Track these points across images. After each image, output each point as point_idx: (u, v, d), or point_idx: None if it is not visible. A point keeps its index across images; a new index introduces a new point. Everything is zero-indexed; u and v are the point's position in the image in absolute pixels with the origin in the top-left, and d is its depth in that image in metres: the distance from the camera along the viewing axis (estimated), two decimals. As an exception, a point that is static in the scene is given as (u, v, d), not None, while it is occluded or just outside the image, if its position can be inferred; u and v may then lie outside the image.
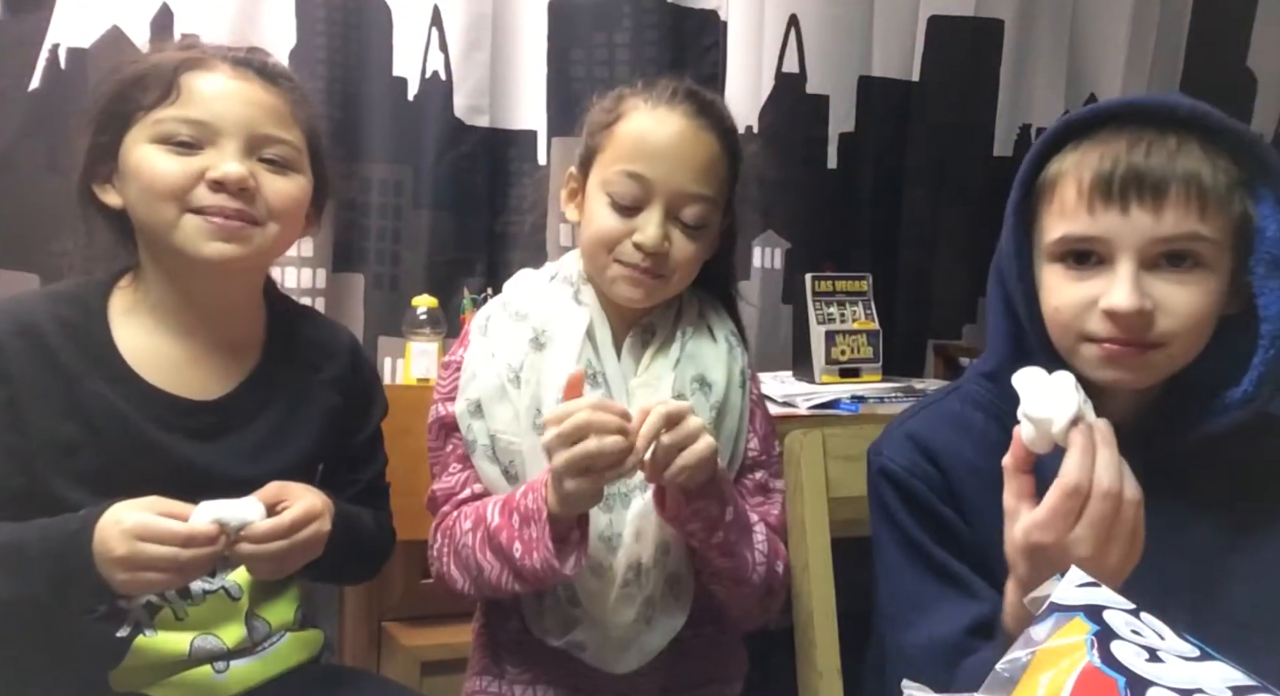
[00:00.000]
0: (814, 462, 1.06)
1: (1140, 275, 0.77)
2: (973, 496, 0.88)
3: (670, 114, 1.03)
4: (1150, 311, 0.77)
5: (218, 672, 0.97)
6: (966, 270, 2.19)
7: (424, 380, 1.62)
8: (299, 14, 1.69)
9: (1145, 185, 0.76)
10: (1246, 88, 2.30)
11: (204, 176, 0.91)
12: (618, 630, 1.01)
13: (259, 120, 0.94)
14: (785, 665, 1.08)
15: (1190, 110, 0.77)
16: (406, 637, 1.52)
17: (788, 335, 1.97)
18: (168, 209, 0.91)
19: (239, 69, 0.95)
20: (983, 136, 2.17)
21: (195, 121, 0.92)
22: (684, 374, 1.07)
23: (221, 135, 0.92)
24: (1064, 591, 0.69)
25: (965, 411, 0.92)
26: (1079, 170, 0.79)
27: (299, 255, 1.74)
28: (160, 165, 0.91)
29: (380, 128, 1.79)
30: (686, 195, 1.02)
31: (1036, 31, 2.17)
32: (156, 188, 0.91)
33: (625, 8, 1.88)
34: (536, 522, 0.94)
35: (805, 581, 1.04)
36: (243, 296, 1.02)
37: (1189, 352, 0.80)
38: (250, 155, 0.94)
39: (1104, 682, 0.61)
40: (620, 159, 1.02)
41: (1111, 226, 0.77)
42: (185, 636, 0.95)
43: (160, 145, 0.91)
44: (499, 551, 0.97)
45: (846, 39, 2.05)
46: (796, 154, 2.04)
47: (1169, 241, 0.76)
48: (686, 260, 1.05)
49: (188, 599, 0.95)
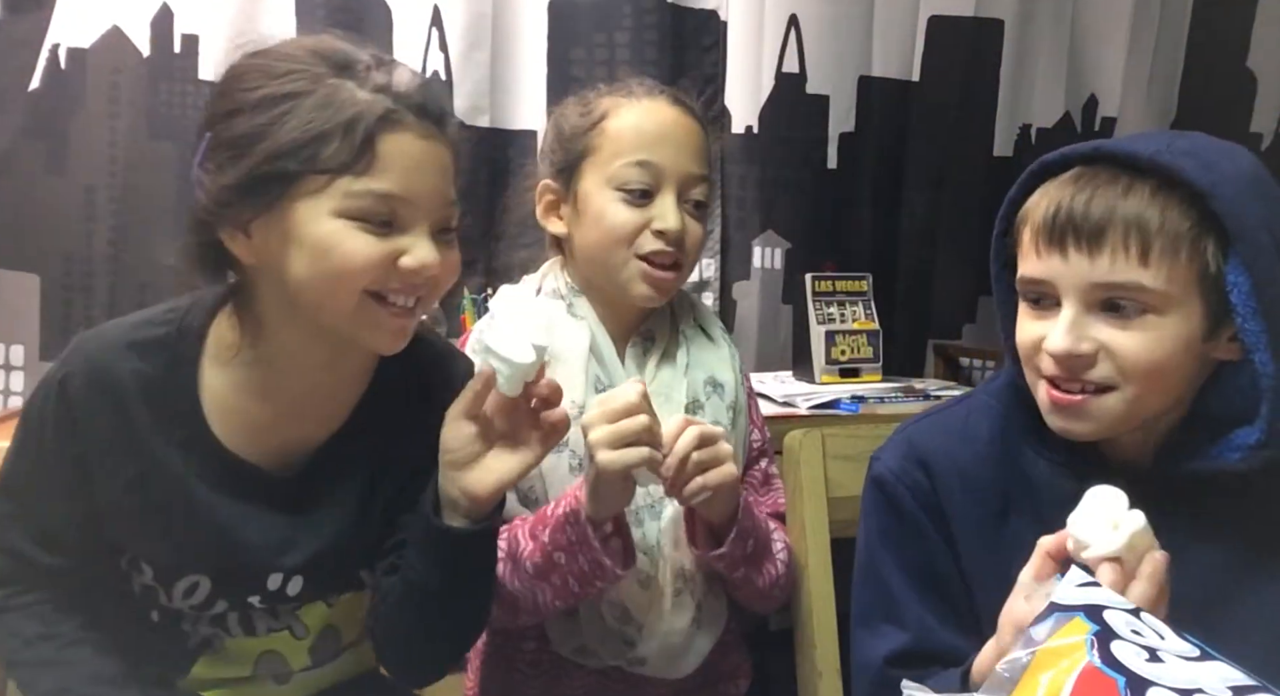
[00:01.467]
0: (814, 462, 1.06)
1: (1084, 318, 0.77)
2: (960, 507, 0.87)
3: (656, 102, 1.06)
4: (1089, 354, 0.77)
5: (279, 684, 0.96)
6: (966, 270, 2.19)
7: (424, 380, 1.62)
8: (299, 14, 1.70)
9: (1082, 231, 0.76)
10: (1246, 88, 2.30)
11: (396, 261, 0.80)
12: (676, 637, 1.01)
13: (445, 190, 0.84)
14: (785, 665, 1.08)
15: (1151, 158, 0.75)
16: (406, 637, 1.52)
17: (788, 335, 1.97)
18: (351, 294, 0.80)
19: (423, 124, 0.82)
20: (983, 136, 2.16)
21: (394, 198, 0.80)
22: (695, 379, 1.07)
23: (416, 214, 0.81)
24: (1064, 591, 0.69)
25: (971, 421, 0.91)
26: (1034, 213, 0.80)
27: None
28: (357, 247, 0.79)
29: (380, 128, 1.79)
30: (693, 176, 1.04)
31: (1036, 31, 2.16)
32: (348, 270, 0.79)
33: (625, 8, 1.88)
34: (574, 525, 0.93)
35: (805, 581, 1.05)
36: (354, 366, 0.91)
37: (1154, 397, 0.78)
38: (434, 233, 0.83)
39: (1104, 682, 0.61)
40: (623, 152, 1.02)
41: (1054, 270, 0.78)
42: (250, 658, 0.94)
43: (352, 222, 0.79)
44: (537, 569, 0.95)
45: (846, 39, 2.05)
46: (796, 154, 2.04)
47: (1107, 288, 0.76)
48: (698, 242, 1.06)
49: (252, 634, 0.92)
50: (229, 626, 0.92)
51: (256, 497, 0.88)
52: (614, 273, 1.05)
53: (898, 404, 1.71)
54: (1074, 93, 2.20)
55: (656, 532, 1.02)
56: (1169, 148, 0.76)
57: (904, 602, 0.88)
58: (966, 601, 0.87)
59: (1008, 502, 0.86)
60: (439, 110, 0.84)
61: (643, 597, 1.01)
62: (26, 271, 1.59)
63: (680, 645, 1.02)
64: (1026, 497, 0.85)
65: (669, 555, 1.01)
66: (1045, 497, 0.84)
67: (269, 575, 0.89)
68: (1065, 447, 0.84)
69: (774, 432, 1.17)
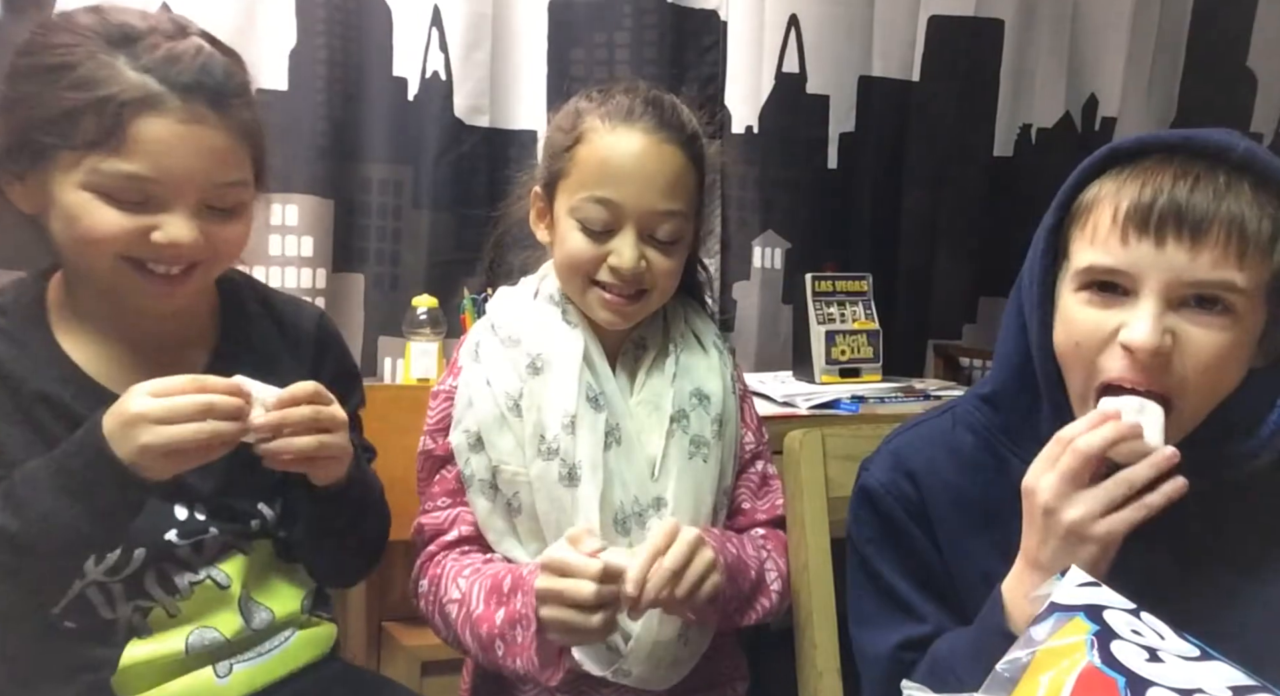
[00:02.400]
0: (814, 462, 1.06)
1: (1164, 313, 0.72)
2: (948, 518, 0.87)
3: (630, 132, 1.01)
4: (1168, 351, 0.72)
5: (220, 677, 0.94)
6: (966, 270, 2.19)
7: (424, 380, 1.62)
8: (299, 14, 1.69)
9: (1185, 221, 0.71)
10: (1246, 88, 2.30)
11: (149, 235, 0.84)
12: (662, 649, 1.01)
13: (212, 171, 0.86)
14: (785, 665, 1.08)
15: (1245, 153, 0.72)
16: (406, 637, 1.52)
17: (788, 335, 1.97)
18: (103, 259, 0.85)
19: (190, 106, 0.83)
20: (983, 136, 2.17)
21: (143, 179, 0.82)
22: (682, 389, 1.07)
23: (173, 195, 0.84)
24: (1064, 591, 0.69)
25: (956, 432, 0.90)
26: (1117, 197, 0.74)
27: (299, 255, 1.74)
28: (100, 220, 0.82)
29: (380, 128, 1.79)
30: (657, 214, 1.01)
31: (1036, 31, 2.17)
32: (93, 240, 0.83)
33: (625, 8, 1.88)
34: (524, 629, 0.94)
35: (805, 581, 1.04)
36: (188, 301, 0.94)
37: (1199, 411, 0.76)
38: (199, 211, 0.86)
39: (1104, 682, 0.61)
40: (585, 185, 1.01)
41: (1142, 259, 0.72)
42: (180, 633, 0.92)
43: (100, 197, 0.82)
44: (479, 640, 0.98)
45: (846, 39, 2.05)
46: (796, 154, 2.05)
47: (1200, 285, 0.72)
48: (664, 275, 1.04)
49: (175, 594, 0.91)
50: (149, 588, 0.90)
51: None
52: (577, 296, 1.05)
53: (898, 404, 1.71)
54: (1074, 93, 2.21)
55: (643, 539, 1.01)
56: (1248, 144, 0.73)
57: (913, 601, 0.88)
58: (960, 605, 0.86)
59: (996, 512, 0.84)
60: (214, 91, 0.85)
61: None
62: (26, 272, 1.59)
63: (667, 657, 1.02)
64: (1016, 507, 0.83)
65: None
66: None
67: (174, 503, 0.90)
68: None
69: (774, 433, 1.17)
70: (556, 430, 1.01)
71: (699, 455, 1.05)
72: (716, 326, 1.16)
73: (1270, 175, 0.72)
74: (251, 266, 1.69)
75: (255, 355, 0.98)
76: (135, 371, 0.89)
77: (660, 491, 1.03)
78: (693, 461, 1.04)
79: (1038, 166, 2.17)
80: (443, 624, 1.04)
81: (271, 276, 1.71)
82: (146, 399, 0.80)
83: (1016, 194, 2.17)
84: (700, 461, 1.05)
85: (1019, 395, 0.84)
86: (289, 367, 0.99)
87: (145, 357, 0.92)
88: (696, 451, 1.05)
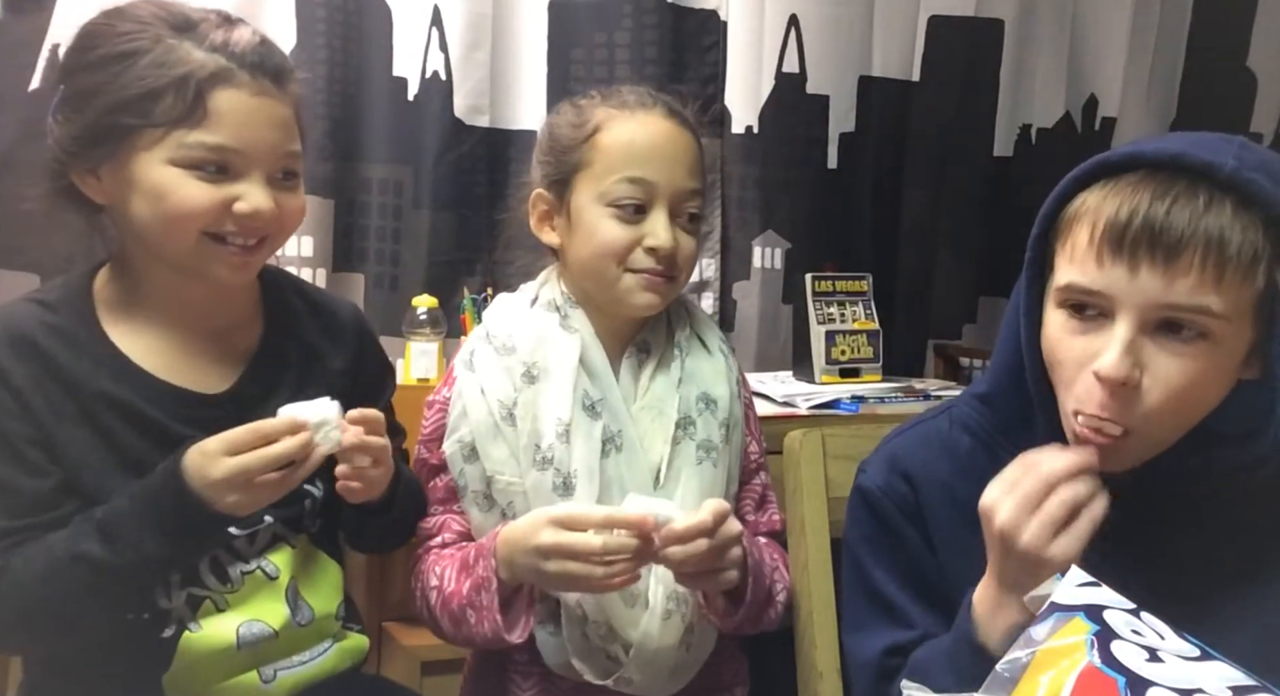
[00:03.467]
0: (814, 462, 1.06)
1: (1137, 339, 0.72)
2: (944, 520, 0.87)
3: (650, 116, 1.04)
4: (1136, 382, 0.71)
5: (265, 682, 0.97)
6: (966, 270, 2.19)
7: (424, 380, 1.62)
8: (299, 14, 1.69)
9: (1159, 242, 0.69)
10: (1246, 88, 2.30)
11: (231, 206, 0.89)
12: (663, 657, 1.01)
13: (281, 142, 0.92)
14: (785, 665, 1.08)
15: (1233, 172, 0.70)
16: (406, 637, 1.52)
17: (788, 335, 1.97)
18: (188, 235, 0.89)
19: (258, 80, 0.90)
20: (983, 136, 2.16)
21: (226, 149, 0.88)
22: (688, 394, 1.06)
23: (250, 163, 0.90)
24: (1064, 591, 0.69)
25: (953, 433, 0.90)
26: (1096, 214, 0.73)
27: (299, 255, 1.74)
28: (190, 193, 0.88)
29: (380, 128, 1.79)
30: (685, 191, 1.04)
31: (1036, 31, 2.16)
32: (182, 214, 0.88)
33: (625, 8, 1.88)
34: (486, 591, 0.95)
35: (805, 581, 1.04)
36: (239, 289, 1.00)
37: (1168, 435, 0.75)
38: (271, 181, 0.92)
39: (1104, 682, 0.61)
40: (614, 168, 1.02)
41: (1116, 283, 0.71)
42: (231, 622, 0.94)
43: (186, 170, 0.88)
44: (452, 616, 1.00)
45: (846, 39, 2.05)
46: (796, 154, 2.04)
47: (1174, 308, 0.70)
48: (690, 256, 1.06)
49: (227, 583, 0.94)
50: (204, 577, 0.93)
51: (196, 417, 0.92)
52: (609, 286, 1.04)
53: (898, 404, 1.71)
54: (1074, 93, 2.20)
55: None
56: (1240, 160, 0.70)
57: (901, 604, 0.88)
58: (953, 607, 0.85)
59: None
60: (275, 68, 0.92)
61: (629, 615, 1.01)
62: (27, 271, 1.59)
63: (668, 666, 1.02)
64: None
65: (661, 574, 1.00)
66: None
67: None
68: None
69: (774, 432, 1.17)
70: (551, 439, 1.00)
71: (708, 460, 1.04)
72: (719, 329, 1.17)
73: (1256, 194, 0.70)
74: (251, 266, 1.71)
75: (300, 344, 1.02)
76: (188, 361, 0.95)
77: (667, 498, 1.02)
78: (701, 467, 1.04)
79: (1038, 166, 2.16)
80: (429, 615, 1.05)
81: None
82: (223, 462, 0.84)
83: (1016, 194, 2.17)
84: (710, 466, 1.04)
85: (1015, 395, 0.84)
86: (331, 357, 1.04)
87: (196, 347, 0.96)
88: (706, 456, 1.04)
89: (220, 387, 0.96)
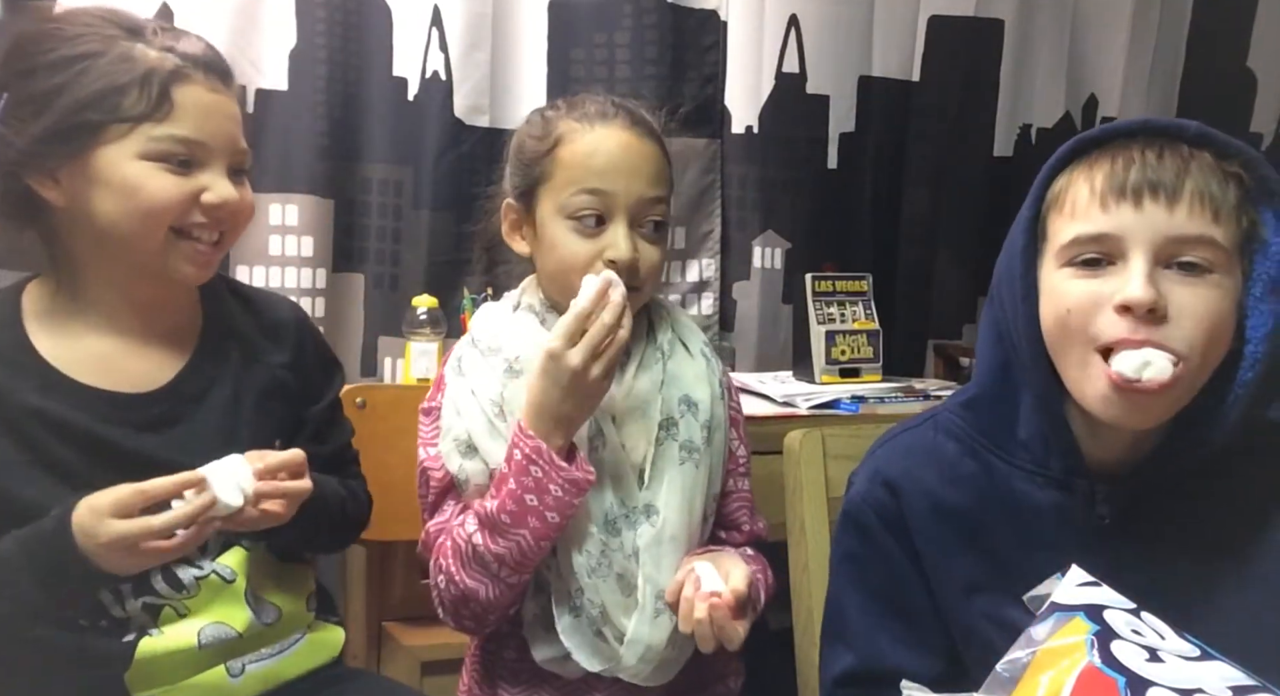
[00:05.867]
0: (814, 462, 1.06)
1: (1154, 271, 0.74)
2: (928, 528, 0.86)
3: (609, 128, 1.04)
4: (1164, 308, 0.73)
5: (233, 676, 0.96)
6: (966, 270, 2.19)
7: (424, 380, 1.62)
8: (299, 14, 1.69)
9: (1160, 186, 0.74)
10: (1246, 88, 2.30)
11: (199, 198, 0.90)
12: (653, 651, 1.01)
13: (236, 135, 0.95)
14: (784, 665, 1.08)
15: (1198, 130, 0.77)
16: (406, 637, 1.52)
17: (788, 335, 1.97)
18: (158, 230, 0.90)
19: (210, 79, 0.93)
20: (983, 136, 2.17)
21: (192, 142, 0.90)
22: (670, 396, 1.06)
23: (213, 155, 0.92)
24: (1065, 591, 0.69)
25: (938, 440, 0.89)
26: (1091, 174, 0.78)
27: (299, 255, 1.74)
28: (161, 185, 0.89)
29: (380, 128, 1.79)
30: (646, 201, 1.03)
31: (1036, 31, 2.17)
32: (155, 207, 0.89)
33: (625, 8, 1.88)
34: (539, 463, 0.95)
35: (805, 581, 1.05)
36: (182, 290, 1.00)
37: (1199, 373, 0.75)
38: (229, 175, 0.93)
39: (1104, 682, 0.61)
40: (574, 180, 1.02)
41: (1125, 222, 0.75)
42: (192, 627, 0.93)
43: (155, 164, 0.89)
44: (515, 519, 0.96)
45: (846, 39, 2.05)
46: (796, 154, 2.04)
47: (1183, 241, 0.74)
48: (654, 266, 1.05)
49: (181, 590, 0.93)
50: (156, 585, 0.92)
51: (129, 418, 0.92)
52: (571, 298, 1.03)
53: (898, 404, 1.71)
54: (1074, 93, 2.21)
55: (634, 541, 1.01)
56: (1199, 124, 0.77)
57: (855, 625, 0.88)
58: (934, 622, 0.86)
59: (980, 521, 0.84)
60: (222, 69, 0.95)
61: (623, 601, 1.01)
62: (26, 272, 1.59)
63: (658, 658, 1.02)
64: (1002, 511, 0.84)
65: (649, 574, 1.01)
66: (1024, 508, 0.83)
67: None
68: (1037, 456, 0.82)
69: (774, 432, 1.17)
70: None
71: (690, 461, 1.04)
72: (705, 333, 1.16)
73: (1227, 147, 0.77)
74: (252, 266, 1.71)
75: (238, 343, 1.02)
76: (125, 365, 0.94)
77: (651, 498, 1.02)
78: (684, 467, 1.04)
79: (1038, 166, 2.14)
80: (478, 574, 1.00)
81: (271, 276, 1.71)
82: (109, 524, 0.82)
83: (1017, 194, 2.14)
84: (692, 467, 1.04)
85: (1000, 397, 0.84)
86: (271, 353, 1.04)
87: (134, 351, 0.95)
88: (688, 457, 1.05)
89: (157, 384, 0.95)
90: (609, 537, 1.01)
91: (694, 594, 0.94)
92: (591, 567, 1.00)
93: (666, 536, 1.01)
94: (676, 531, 1.02)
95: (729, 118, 1.99)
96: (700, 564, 0.97)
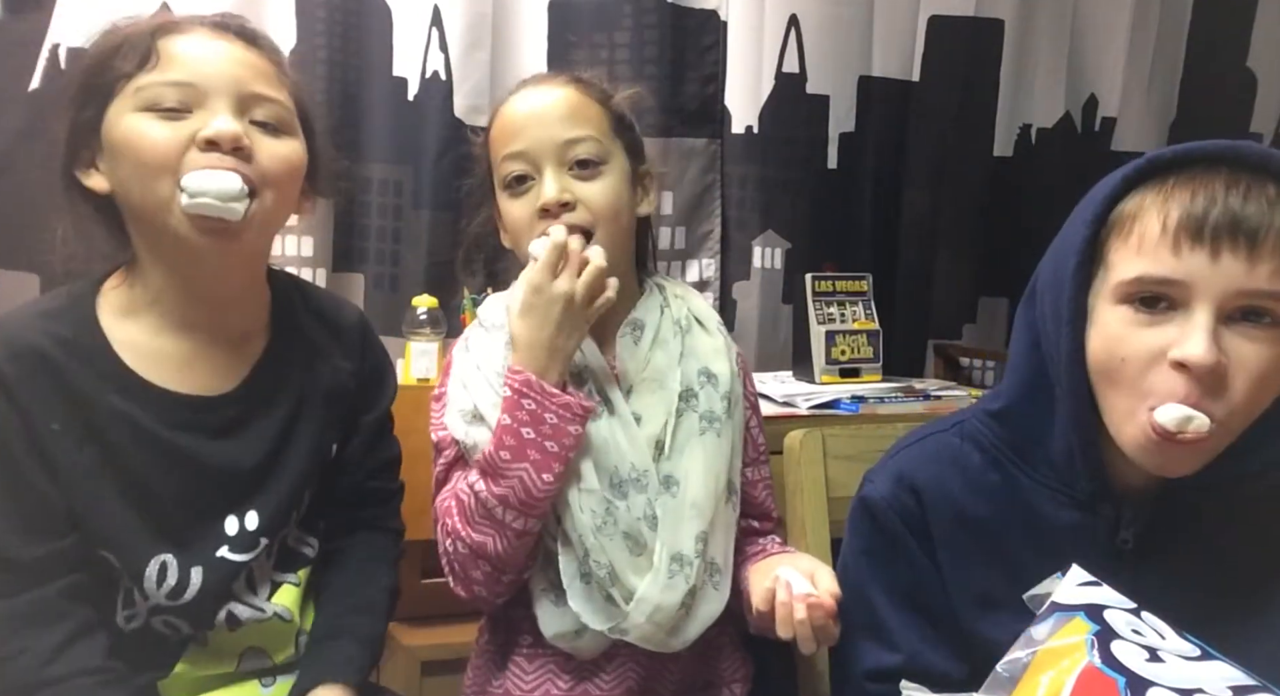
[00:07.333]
0: (814, 462, 1.06)
1: (1218, 327, 0.70)
2: (950, 536, 0.86)
3: (518, 93, 1.07)
4: (1225, 368, 0.70)
5: (264, 686, 0.97)
6: (966, 270, 2.19)
7: (424, 380, 1.62)
8: (299, 14, 1.69)
9: (1241, 231, 0.68)
10: (1246, 88, 2.30)
11: (195, 140, 0.85)
12: (663, 614, 1.00)
13: (245, 78, 0.89)
14: (785, 665, 1.08)
15: None
16: (406, 637, 1.52)
17: (788, 335, 1.97)
18: (162, 184, 0.85)
19: (217, 30, 0.91)
20: (983, 136, 2.17)
21: (180, 84, 0.86)
22: (689, 368, 1.06)
23: (209, 95, 0.87)
24: (1065, 591, 0.69)
25: (964, 448, 0.88)
26: (1165, 206, 0.71)
27: (299, 255, 1.74)
28: (150, 132, 0.85)
29: (380, 128, 1.79)
30: (565, 143, 1.02)
31: (1036, 31, 2.17)
32: (147, 157, 0.85)
33: (625, 8, 1.88)
34: (530, 394, 0.95)
35: (805, 581, 1.04)
36: (245, 283, 0.98)
37: (1239, 427, 0.73)
38: (241, 116, 0.88)
39: (1104, 682, 0.61)
40: (499, 154, 1.04)
41: (1197, 271, 0.70)
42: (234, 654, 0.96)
43: (147, 113, 0.86)
44: (514, 453, 0.96)
45: (846, 39, 2.05)
46: (796, 154, 2.05)
47: (1255, 295, 0.69)
48: (596, 202, 1.02)
49: (238, 628, 0.95)
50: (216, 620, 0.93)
51: (196, 421, 0.92)
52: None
53: (898, 404, 1.71)
54: (1074, 93, 2.21)
55: (644, 505, 1.00)
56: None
57: (892, 625, 0.87)
58: (954, 626, 0.86)
59: (1004, 531, 0.84)
60: (240, 29, 0.93)
61: (633, 562, 1.00)
62: (26, 271, 1.59)
63: (669, 623, 1.01)
64: (1024, 525, 0.83)
65: (666, 539, 1.00)
66: (1045, 526, 0.82)
67: (225, 517, 0.92)
68: (1064, 475, 0.81)
69: (774, 432, 1.17)
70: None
71: (711, 430, 1.04)
72: None
73: None
74: (251, 266, 1.71)
75: (306, 347, 1.02)
76: (194, 366, 0.93)
77: (670, 469, 1.02)
78: (705, 437, 1.03)
79: (1038, 166, 2.17)
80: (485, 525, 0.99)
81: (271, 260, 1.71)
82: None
83: (1016, 194, 2.17)
84: (714, 435, 1.04)
85: (1030, 412, 0.82)
86: (337, 357, 1.04)
87: (205, 352, 0.94)
88: (709, 427, 1.04)
89: (228, 386, 0.95)
90: (615, 498, 1.00)
91: (788, 597, 0.91)
92: (597, 526, 0.98)
93: (687, 503, 1.00)
94: (698, 498, 1.01)
95: (729, 118, 1.99)
96: (784, 569, 0.95)
